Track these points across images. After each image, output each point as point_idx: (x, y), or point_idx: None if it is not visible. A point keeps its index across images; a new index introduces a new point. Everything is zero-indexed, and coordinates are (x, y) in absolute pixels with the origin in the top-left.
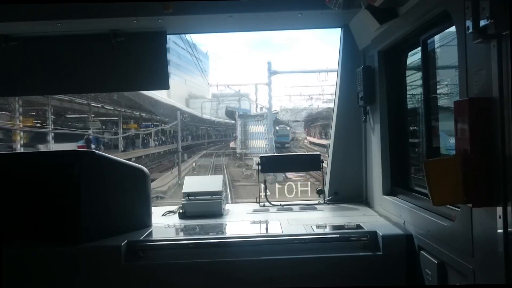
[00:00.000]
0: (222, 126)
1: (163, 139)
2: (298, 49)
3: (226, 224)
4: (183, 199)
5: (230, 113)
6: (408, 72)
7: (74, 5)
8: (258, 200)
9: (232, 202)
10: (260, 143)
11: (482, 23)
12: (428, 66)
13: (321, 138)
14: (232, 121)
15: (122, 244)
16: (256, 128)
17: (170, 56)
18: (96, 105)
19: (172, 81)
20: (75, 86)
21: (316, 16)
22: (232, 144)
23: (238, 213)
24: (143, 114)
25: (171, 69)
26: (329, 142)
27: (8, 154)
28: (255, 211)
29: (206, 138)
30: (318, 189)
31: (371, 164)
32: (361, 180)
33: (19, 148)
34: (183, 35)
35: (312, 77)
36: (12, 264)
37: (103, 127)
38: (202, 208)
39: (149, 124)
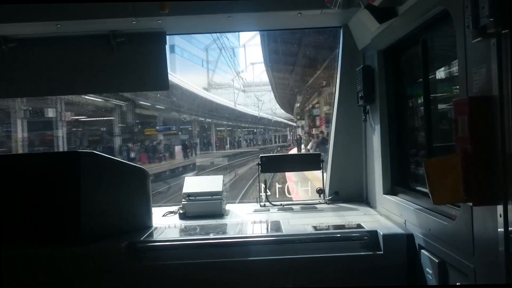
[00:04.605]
0: (259, 123)
1: None
2: None
3: (226, 224)
4: (183, 200)
5: None
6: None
7: (73, 6)
8: (258, 200)
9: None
10: None
11: (482, 21)
12: (428, 64)
13: None
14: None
15: (123, 245)
16: None
17: None
18: None
19: (179, 60)
20: (75, 87)
21: (315, 16)
22: None
23: (238, 213)
24: None
25: (181, 44)
26: (329, 141)
27: (8, 156)
28: (255, 211)
29: (235, 147)
30: (318, 188)
31: (372, 164)
32: (361, 179)
33: None
34: None
35: None
36: (12, 265)
37: None
38: (203, 208)
39: None
